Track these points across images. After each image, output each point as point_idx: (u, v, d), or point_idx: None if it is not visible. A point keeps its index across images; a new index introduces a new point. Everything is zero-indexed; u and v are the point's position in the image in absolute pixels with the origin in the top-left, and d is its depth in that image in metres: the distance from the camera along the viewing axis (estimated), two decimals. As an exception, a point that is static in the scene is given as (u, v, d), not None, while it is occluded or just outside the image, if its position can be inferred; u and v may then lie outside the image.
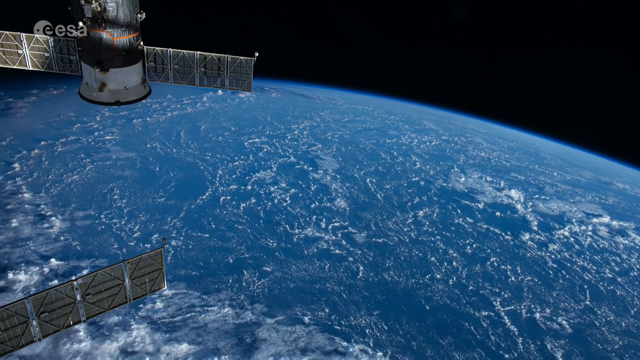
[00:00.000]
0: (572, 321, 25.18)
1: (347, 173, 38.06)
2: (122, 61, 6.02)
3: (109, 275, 5.76)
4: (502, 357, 21.93)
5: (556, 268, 29.74)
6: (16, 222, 26.57)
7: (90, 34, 5.63)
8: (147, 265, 6.09)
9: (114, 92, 6.24)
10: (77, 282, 5.52)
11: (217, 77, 6.92)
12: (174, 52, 6.66)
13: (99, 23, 5.52)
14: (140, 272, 6.05)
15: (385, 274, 26.21)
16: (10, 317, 5.17)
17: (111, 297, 5.89)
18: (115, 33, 5.71)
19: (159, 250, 6.14)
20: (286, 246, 27.27)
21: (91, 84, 6.17)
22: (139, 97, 6.51)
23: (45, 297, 5.33)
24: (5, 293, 21.25)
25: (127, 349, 19.31)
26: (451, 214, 34.03)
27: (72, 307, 5.57)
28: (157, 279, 6.29)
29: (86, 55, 5.96)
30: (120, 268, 5.83)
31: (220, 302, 22.45)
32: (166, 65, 6.74)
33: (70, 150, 36.25)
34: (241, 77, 6.94)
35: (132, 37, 5.99)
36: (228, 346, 20.10)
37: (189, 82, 6.88)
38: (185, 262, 24.88)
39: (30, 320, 5.31)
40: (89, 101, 6.28)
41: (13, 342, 5.31)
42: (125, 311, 21.24)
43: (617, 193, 47.24)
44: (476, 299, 25.50)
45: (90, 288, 5.65)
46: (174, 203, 30.18)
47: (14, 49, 6.24)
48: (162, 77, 6.84)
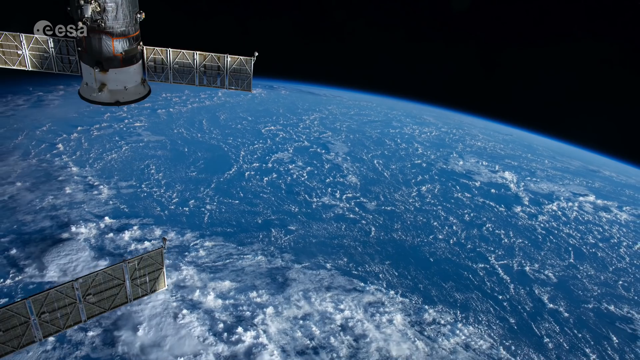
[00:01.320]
0: (557, 274, 28.85)
1: (356, 155, 41.90)
2: (121, 61, 6.02)
3: (109, 275, 5.68)
4: (496, 298, 25.56)
5: (544, 234, 33.48)
6: (69, 190, 30.21)
7: (90, 34, 5.65)
8: (148, 265, 6.01)
9: (114, 92, 6.23)
10: (77, 282, 5.43)
11: (217, 77, 6.91)
12: (174, 52, 6.65)
13: (99, 23, 5.53)
14: (140, 272, 5.96)
15: (394, 234, 29.91)
16: (10, 317, 5.10)
17: (112, 297, 5.80)
18: (114, 33, 5.73)
19: (159, 250, 6.09)
20: (306, 211, 30.97)
21: (91, 84, 6.15)
22: (139, 97, 6.49)
23: (46, 298, 5.26)
24: (71, 242, 24.85)
25: (179, 284, 22.88)
26: (451, 190, 37.83)
27: (72, 307, 5.47)
28: (157, 278, 6.20)
29: (86, 55, 5.95)
30: (120, 268, 5.75)
31: (254, 252, 26.09)
32: (166, 65, 6.72)
33: (105, 134, 39.99)
34: (241, 77, 6.93)
35: (132, 38, 6.00)
36: (263, 284, 23.69)
37: (189, 82, 6.87)
38: (220, 222, 28.54)
39: (31, 320, 5.24)
40: (88, 101, 6.26)
41: (14, 343, 5.23)
42: (174, 257, 24.84)
43: (603, 179, 51.14)
44: (473, 254, 29.19)
45: (91, 288, 5.56)
46: (204, 177, 33.89)
47: (13, 49, 6.23)
48: (162, 77, 6.81)
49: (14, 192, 29.19)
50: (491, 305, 24.97)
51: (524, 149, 56.71)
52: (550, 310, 25.43)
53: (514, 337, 22.97)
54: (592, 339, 23.81)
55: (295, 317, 21.86)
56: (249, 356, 19.39)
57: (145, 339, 19.57)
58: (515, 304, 25.38)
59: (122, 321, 20.33)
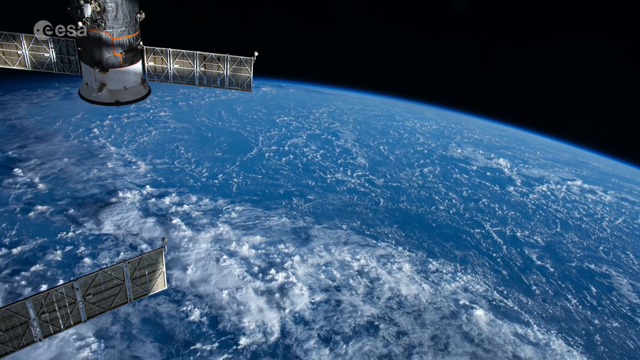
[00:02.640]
0: (545, 239, 32.56)
1: (364, 142, 45.79)
2: (121, 61, 6.01)
3: (109, 275, 5.70)
4: (490, 255, 29.22)
5: (534, 208, 37.26)
6: (111, 165, 33.88)
7: (90, 34, 5.66)
8: (148, 265, 6.02)
9: (114, 92, 6.22)
10: (77, 283, 5.44)
11: (217, 77, 6.87)
12: (174, 52, 6.66)
13: (99, 23, 5.53)
14: (140, 272, 5.98)
15: (400, 204, 33.64)
16: (10, 317, 5.13)
17: (112, 297, 5.83)
18: (114, 33, 5.72)
19: (159, 250, 6.10)
20: (322, 185, 34.71)
21: (91, 84, 6.14)
22: (139, 97, 6.48)
23: (46, 298, 5.27)
24: (120, 204, 28.46)
25: (217, 238, 26.48)
26: (450, 172, 41.67)
27: (72, 307, 5.49)
28: (157, 279, 6.21)
29: (86, 55, 5.96)
30: (120, 268, 5.76)
31: (278, 215, 29.74)
32: (166, 65, 6.69)
33: (134, 121, 43.78)
34: (241, 77, 6.90)
35: (132, 37, 6.00)
36: (289, 239, 27.32)
37: (189, 82, 6.85)
38: (246, 192, 32.23)
39: (31, 320, 5.26)
40: (88, 101, 6.24)
41: (14, 343, 5.25)
42: (210, 218, 28.43)
43: (591, 169, 55.12)
44: (471, 222, 32.90)
45: (91, 288, 5.57)
46: (229, 156, 37.64)
47: (13, 49, 6.23)
48: (162, 77, 6.80)
49: (63, 166, 32.85)
50: (486, 260, 28.63)
51: (518, 143, 60.73)
52: (538, 266, 29.09)
53: (506, 284, 26.59)
54: (573, 289, 27.44)
55: (318, 264, 25.46)
56: (282, 290, 22.96)
57: (193, 276, 23.14)
58: (507, 260, 29.04)
59: (172, 263, 23.90)
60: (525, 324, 23.61)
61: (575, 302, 26.19)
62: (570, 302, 26.10)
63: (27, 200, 28.18)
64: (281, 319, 21.40)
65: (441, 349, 21.12)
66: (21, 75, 55.30)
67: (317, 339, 20.63)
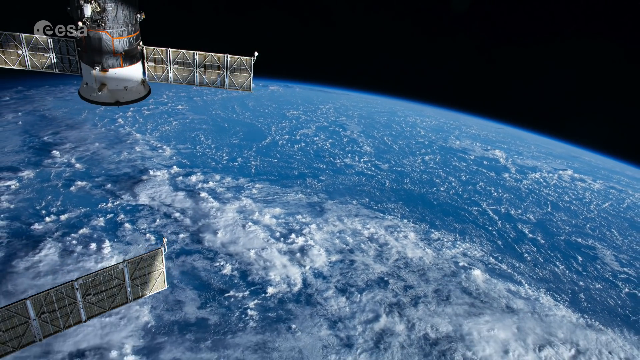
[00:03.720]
0: (537, 217, 35.62)
1: (369, 133, 48.99)
2: (121, 61, 6.03)
3: (109, 275, 5.70)
4: (487, 228, 32.24)
5: (527, 192, 40.38)
6: (139, 149, 36.90)
7: (90, 34, 5.66)
8: (148, 265, 6.01)
9: (114, 92, 6.21)
10: (77, 282, 5.44)
11: (217, 77, 6.84)
12: (174, 52, 6.62)
13: (99, 23, 5.54)
14: (140, 272, 5.97)
15: (404, 185, 36.73)
16: (10, 317, 5.12)
17: (112, 297, 5.83)
18: (114, 33, 5.73)
19: (159, 250, 6.07)
20: (332, 168, 37.81)
21: (91, 84, 6.12)
22: (139, 97, 6.47)
23: (46, 298, 5.27)
24: (152, 180, 31.43)
25: (241, 209, 29.44)
26: (449, 160, 44.84)
27: (72, 307, 5.50)
28: (157, 279, 6.21)
29: (86, 55, 5.96)
30: (120, 268, 5.76)
31: (295, 192, 32.76)
32: (166, 65, 6.67)
33: (154, 113, 46.86)
34: (241, 77, 6.88)
35: (132, 37, 6.00)
36: (306, 211, 30.30)
37: (189, 82, 6.85)
38: (264, 172, 35.27)
39: (31, 320, 5.25)
40: (88, 101, 6.23)
41: (14, 343, 5.25)
42: (233, 193, 31.38)
43: (582, 162, 58.31)
44: (469, 201, 35.97)
45: (91, 288, 5.57)
46: (245, 143, 40.74)
47: (13, 49, 6.24)
48: (162, 77, 6.77)
49: (95, 149, 35.86)
50: (483, 232, 31.64)
51: (514, 139, 64.00)
52: (530, 238, 32.11)
53: (501, 252, 29.59)
54: (561, 257, 30.44)
55: (332, 231, 28.43)
56: (302, 251, 25.90)
57: (223, 239, 26.08)
58: (502, 233, 32.06)
59: (203, 228, 26.84)
60: (518, 283, 26.56)
61: (562, 267, 29.18)
62: (558, 268, 29.07)
63: (67, 177, 31.14)
64: (302, 274, 24.32)
65: (443, 299, 24.05)
66: (44, 73, 58.52)
67: (334, 289, 23.55)
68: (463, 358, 20.55)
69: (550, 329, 23.19)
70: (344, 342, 20.57)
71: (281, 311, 21.78)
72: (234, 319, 20.98)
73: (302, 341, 20.30)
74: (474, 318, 22.96)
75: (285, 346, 19.95)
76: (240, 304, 21.82)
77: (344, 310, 22.34)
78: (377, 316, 22.19)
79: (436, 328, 22.05)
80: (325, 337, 20.68)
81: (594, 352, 22.13)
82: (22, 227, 25.46)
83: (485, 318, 23.06)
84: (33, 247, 23.71)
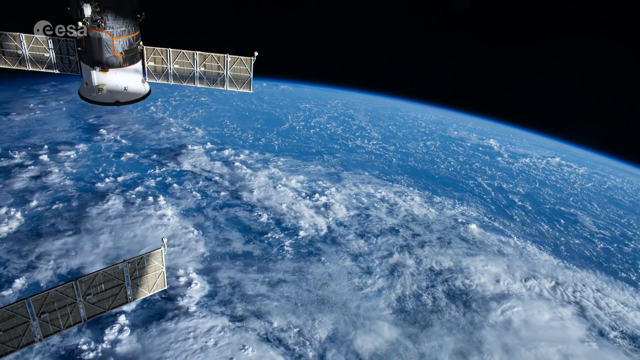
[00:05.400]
0: (526, 190, 40.45)
1: (375, 123, 54.05)
2: (121, 61, 6.05)
3: (109, 275, 5.72)
4: (481, 196, 37.01)
5: (518, 172, 45.29)
6: (174, 129, 41.69)
7: (90, 34, 5.67)
8: (148, 265, 6.05)
9: (114, 92, 6.25)
10: (77, 282, 5.46)
11: (217, 77, 6.89)
12: (174, 52, 6.68)
13: (99, 23, 5.54)
14: (140, 272, 6.02)
15: (409, 163, 41.62)
16: (10, 317, 5.15)
17: (112, 297, 5.86)
18: (114, 33, 5.74)
19: (159, 250, 6.12)
20: (345, 148, 42.71)
21: (91, 84, 6.16)
22: (139, 97, 6.55)
23: (46, 298, 5.29)
24: (191, 153, 36.12)
25: (270, 175, 34.12)
26: (448, 145, 49.84)
27: (72, 307, 5.52)
28: (157, 279, 6.23)
29: (86, 55, 5.98)
30: (120, 268, 5.79)
31: (314, 164, 37.52)
32: (166, 65, 6.73)
33: (181, 103, 51.77)
34: (241, 77, 6.96)
35: (132, 37, 6.01)
36: (325, 179, 35.02)
37: (189, 82, 6.92)
38: (286, 150, 40.08)
39: (31, 320, 5.28)
40: (88, 101, 6.28)
41: (14, 343, 5.28)
42: (261, 165, 36.06)
43: (571, 153, 63.47)
44: (466, 176, 40.83)
45: (91, 288, 5.60)
46: (267, 127, 45.65)
47: (13, 49, 6.27)
48: (162, 77, 6.84)
49: (136, 129, 40.62)
50: (478, 199, 36.40)
51: (508, 133, 69.20)
52: (519, 205, 36.88)
53: (493, 214, 34.31)
54: (546, 219, 35.17)
55: (349, 193, 33.13)
56: (325, 206, 30.53)
57: (258, 196, 30.71)
58: (495, 200, 36.83)
59: (241, 188, 31.48)
60: (508, 236, 31.23)
61: (547, 227, 33.88)
62: (543, 227, 33.77)
63: (116, 150, 35.84)
64: (327, 223, 28.95)
65: (445, 244, 28.68)
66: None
67: (354, 234, 28.17)
68: (462, 284, 25.09)
69: (535, 267, 27.80)
70: (365, 270, 25.12)
71: (311, 248, 26.34)
72: (273, 252, 25.52)
73: (331, 268, 24.83)
74: (471, 257, 27.56)
75: (317, 272, 24.47)
76: (278, 242, 26.38)
77: (363, 248, 26.93)
78: (390, 253, 26.78)
79: (440, 263, 26.63)
80: (349, 266, 25.23)
81: (570, 284, 26.72)
82: (87, 185, 30.08)
83: (480, 258, 27.67)
84: (100, 199, 28.29)
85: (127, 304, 6.08)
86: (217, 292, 22.09)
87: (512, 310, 23.52)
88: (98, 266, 22.80)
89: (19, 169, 30.87)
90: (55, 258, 22.80)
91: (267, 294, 22.38)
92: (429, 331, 21.47)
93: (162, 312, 20.49)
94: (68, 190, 29.11)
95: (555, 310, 24.25)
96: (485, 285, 25.28)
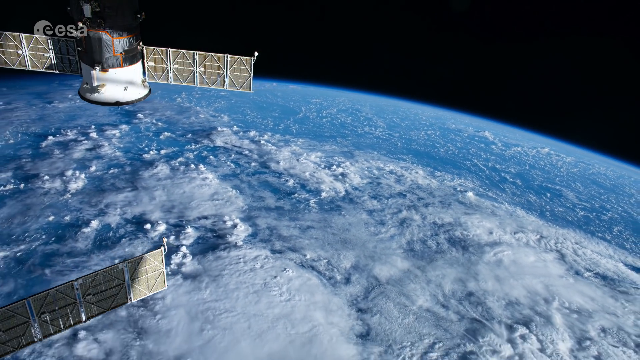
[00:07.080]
0: (516, 171, 45.35)
1: (380, 115, 59.21)
2: (121, 61, 6.07)
3: (109, 275, 5.75)
4: (477, 174, 41.85)
5: (510, 157, 50.27)
6: (202, 115, 46.50)
7: (90, 34, 5.68)
8: (148, 265, 6.09)
9: (114, 92, 6.26)
10: (77, 283, 5.49)
11: (217, 77, 6.93)
12: (174, 52, 6.71)
13: (99, 23, 5.55)
14: (140, 272, 6.05)
15: (412, 146, 46.58)
16: (10, 317, 5.17)
17: (111, 297, 5.88)
18: (114, 33, 5.76)
19: (159, 250, 6.16)
20: (355, 133, 47.70)
21: (91, 84, 6.19)
22: (139, 97, 6.55)
23: (46, 298, 5.32)
24: (221, 133, 40.90)
25: (292, 152, 38.87)
26: (447, 134, 54.95)
27: (72, 307, 5.54)
28: (157, 279, 6.27)
29: (86, 55, 6.00)
30: (120, 268, 5.83)
31: (329, 145, 42.35)
32: (166, 65, 6.76)
33: (204, 96, 56.70)
34: (241, 77, 7.01)
35: (132, 37, 6.05)
36: (340, 155, 39.80)
37: (189, 82, 6.95)
38: (303, 133, 44.95)
39: (31, 320, 5.30)
40: (88, 101, 6.30)
41: (14, 343, 5.30)
42: (283, 144, 40.85)
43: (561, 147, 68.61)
44: (463, 158, 45.76)
45: (91, 288, 5.62)
46: (284, 116, 50.60)
47: (13, 49, 6.28)
48: (162, 77, 6.86)
49: (169, 115, 45.42)
50: (475, 175, 41.24)
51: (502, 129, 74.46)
52: (510, 181, 41.73)
53: (487, 187, 39.10)
54: (534, 193, 39.98)
55: (362, 167, 37.91)
56: (342, 175, 35.26)
57: (284, 166, 35.44)
58: (489, 177, 41.68)
59: (268, 160, 36.20)
60: (500, 202, 35.97)
61: (534, 198, 38.68)
62: (531, 197, 38.57)
63: (154, 130, 40.56)
64: (344, 187, 33.64)
65: (446, 206, 33.36)
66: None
67: (368, 196, 32.85)
68: (461, 234, 29.72)
69: (523, 225, 32.50)
70: (379, 222, 29.74)
71: (333, 205, 30.96)
72: (301, 207, 30.13)
73: (350, 220, 29.44)
74: (468, 216, 32.24)
75: (339, 222, 29.06)
76: (304, 200, 31.00)
77: (377, 206, 31.59)
78: (399, 210, 31.45)
79: (442, 219, 31.29)
80: (365, 219, 29.85)
81: (552, 238, 31.38)
82: (135, 156, 34.70)
83: (476, 216, 32.35)
84: (149, 165, 32.90)
85: (127, 303, 6.15)
86: (257, 233, 26.61)
87: (503, 253, 28.12)
88: (157, 214, 27.37)
89: (74, 142, 35.49)
90: (121, 206, 27.32)
91: (299, 235, 26.92)
92: (434, 265, 26.02)
93: (215, 245, 24.97)
94: (120, 159, 33.70)
95: (539, 255, 28.87)
96: (480, 235, 29.90)
